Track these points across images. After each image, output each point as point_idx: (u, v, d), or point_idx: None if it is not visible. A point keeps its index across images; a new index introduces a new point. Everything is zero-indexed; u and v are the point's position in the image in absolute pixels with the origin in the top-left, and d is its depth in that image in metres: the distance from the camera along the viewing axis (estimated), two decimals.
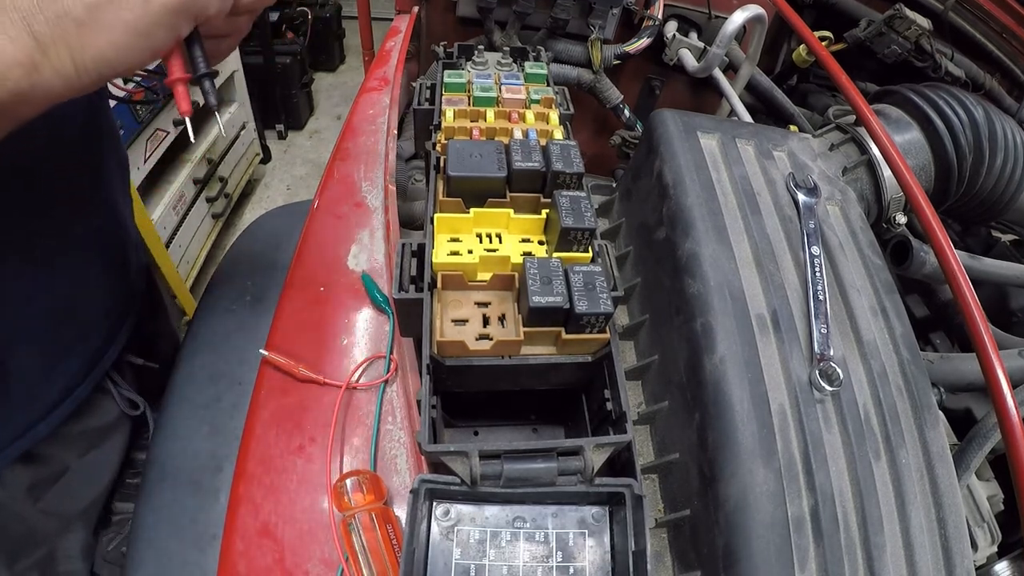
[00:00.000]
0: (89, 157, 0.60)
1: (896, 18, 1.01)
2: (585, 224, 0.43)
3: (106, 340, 0.65)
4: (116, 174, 0.67)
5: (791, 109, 1.01)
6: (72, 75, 0.35)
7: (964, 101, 0.66)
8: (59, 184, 0.56)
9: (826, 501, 0.40)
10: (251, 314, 0.74)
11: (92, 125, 0.60)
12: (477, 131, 0.53)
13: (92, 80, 0.36)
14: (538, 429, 0.54)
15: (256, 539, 0.43)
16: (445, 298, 0.43)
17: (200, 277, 1.80)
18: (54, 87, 0.35)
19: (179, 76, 0.42)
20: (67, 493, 0.66)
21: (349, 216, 0.65)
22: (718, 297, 0.47)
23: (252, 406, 0.51)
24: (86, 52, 0.35)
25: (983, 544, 0.51)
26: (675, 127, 0.59)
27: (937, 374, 0.64)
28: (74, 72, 0.35)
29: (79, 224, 0.59)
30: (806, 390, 0.44)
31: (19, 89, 0.33)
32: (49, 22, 0.33)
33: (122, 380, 0.71)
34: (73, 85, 0.35)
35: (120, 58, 0.36)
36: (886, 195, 0.64)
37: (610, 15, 1.00)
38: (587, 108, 1.14)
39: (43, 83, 0.34)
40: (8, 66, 0.32)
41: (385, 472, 0.46)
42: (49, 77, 0.34)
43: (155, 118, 1.55)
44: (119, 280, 0.68)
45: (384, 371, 0.52)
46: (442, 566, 0.35)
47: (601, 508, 0.38)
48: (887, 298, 0.52)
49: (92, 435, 0.68)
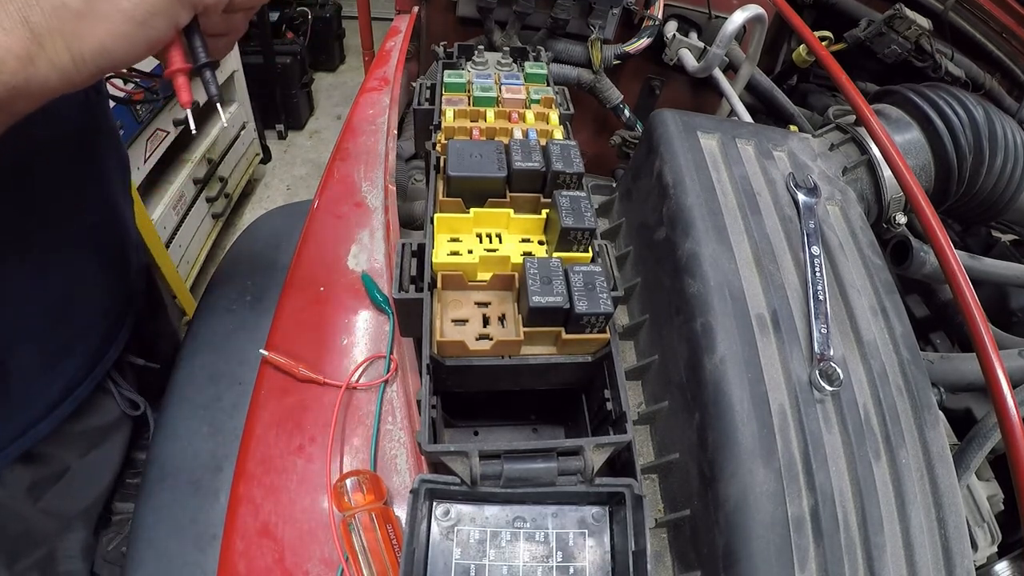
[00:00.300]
0: (87, 156, 0.60)
1: (896, 18, 1.01)
2: (585, 224, 0.43)
3: (106, 340, 0.65)
4: (116, 174, 0.67)
5: (791, 109, 1.01)
6: (70, 67, 0.34)
7: (964, 101, 0.66)
8: (56, 183, 0.55)
9: (826, 501, 0.40)
10: (251, 314, 0.74)
11: (90, 124, 0.60)
12: (477, 131, 0.53)
13: (90, 73, 0.36)
14: (538, 429, 0.54)
15: (256, 539, 0.43)
16: (445, 298, 0.43)
17: (200, 277, 1.79)
18: (50, 80, 0.34)
19: (179, 67, 0.41)
20: (67, 493, 0.66)
21: (349, 216, 0.65)
22: (718, 297, 0.47)
23: (252, 406, 0.51)
24: (84, 43, 0.34)
25: (983, 544, 0.51)
26: (675, 127, 0.59)
27: (937, 374, 0.64)
28: (72, 64, 0.34)
29: (77, 223, 0.59)
30: (806, 390, 0.44)
31: (14, 82, 0.33)
32: (46, 13, 0.33)
33: (123, 380, 0.71)
34: (71, 78, 0.35)
35: (119, 49, 0.36)
36: (886, 195, 0.64)
37: (610, 15, 1.00)
38: (587, 108, 1.14)
39: (39, 76, 0.33)
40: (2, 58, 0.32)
41: (385, 472, 0.46)
42: (45, 70, 0.34)
43: (155, 118, 1.55)
44: (118, 280, 0.68)
45: (384, 371, 0.52)
46: (442, 566, 0.35)
47: (601, 508, 0.38)
48: (887, 298, 0.52)
49: (93, 435, 0.68)
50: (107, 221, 0.65)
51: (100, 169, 0.63)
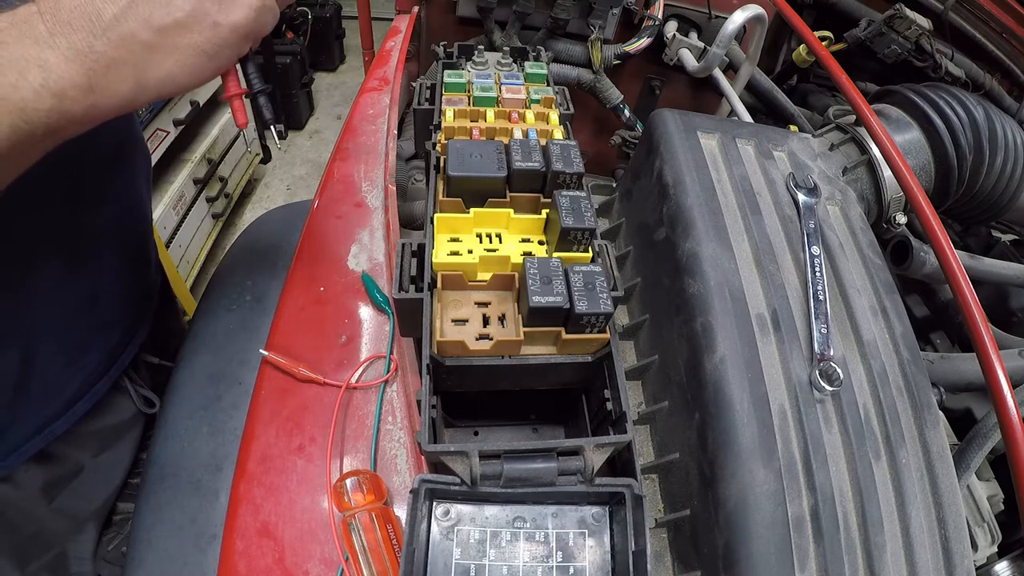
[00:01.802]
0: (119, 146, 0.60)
1: (896, 18, 1.01)
2: (585, 224, 0.43)
3: (125, 336, 0.65)
4: (141, 165, 0.67)
5: (791, 109, 1.01)
6: (130, 96, 0.35)
7: (964, 101, 0.66)
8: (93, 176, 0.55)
9: (826, 501, 0.40)
10: (251, 314, 0.74)
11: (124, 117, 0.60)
12: (477, 131, 0.53)
13: (150, 98, 0.36)
14: (538, 429, 0.55)
15: (256, 539, 0.43)
16: (445, 298, 0.43)
17: (200, 277, 1.80)
18: (109, 108, 0.34)
19: (236, 92, 0.44)
20: (80, 493, 0.65)
21: (349, 216, 0.65)
22: (718, 297, 0.47)
23: (252, 406, 0.51)
24: (150, 73, 0.35)
25: (983, 544, 0.51)
26: (675, 127, 0.59)
27: (937, 374, 0.64)
28: (133, 93, 0.35)
29: (106, 215, 0.59)
30: (806, 390, 0.44)
31: (73, 111, 0.32)
32: (112, 43, 0.33)
33: (138, 378, 0.71)
34: (132, 103, 0.35)
35: (185, 79, 0.36)
36: (886, 195, 0.64)
37: (610, 15, 1.00)
38: (587, 108, 1.14)
39: (99, 104, 0.33)
40: (63, 88, 0.32)
41: (385, 472, 0.46)
42: (105, 98, 0.34)
43: (155, 118, 1.55)
44: (139, 274, 0.68)
45: (384, 371, 0.52)
46: (442, 566, 0.35)
47: (601, 508, 0.38)
48: (887, 298, 0.52)
49: (107, 434, 0.68)
50: (132, 214, 0.65)
51: (129, 160, 0.63)
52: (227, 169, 1.97)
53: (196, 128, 1.81)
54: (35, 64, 0.31)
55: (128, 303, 0.65)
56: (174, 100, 1.64)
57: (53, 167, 0.45)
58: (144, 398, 0.71)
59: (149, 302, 0.71)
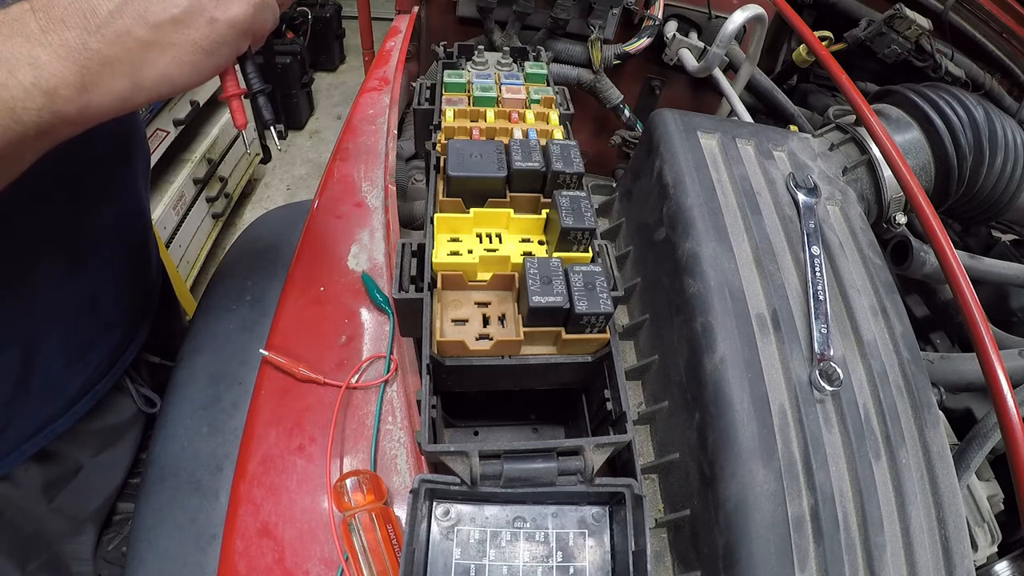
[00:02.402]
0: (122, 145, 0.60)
1: (896, 18, 1.01)
2: (585, 224, 0.43)
3: (127, 335, 0.65)
4: (141, 164, 0.66)
5: (791, 109, 1.01)
6: (126, 95, 0.34)
7: (964, 101, 0.66)
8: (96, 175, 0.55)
9: (826, 501, 0.40)
10: (251, 314, 0.74)
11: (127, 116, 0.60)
12: (477, 131, 0.53)
13: (147, 98, 0.35)
14: (538, 429, 0.54)
15: (256, 539, 0.43)
16: (445, 298, 0.43)
17: (200, 277, 1.80)
18: (103, 107, 0.33)
19: (234, 92, 0.43)
20: (80, 493, 0.65)
21: (349, 216, 0.65)
22: (718, 297, 0.47)
23: (252, 406, 0.51)
24: (146, 72, 0.34)
25: (983, 544, 0.51)
26: (675, 127, 0.59)
27: (937, 374, 0.64)
28: (129, 92, 0.34)
29: (107, 213, 0.58)
30: (806, 390, 0.44)
31: (66, 111, 0.32)
32: (107, 40, 0.32)
33: (139, 377, 0.71)
34: (127, 103, 0.34)
35: (182, 77, 0.36)
36: (886, 195, 0.64)
37: (610, 15, 1.00)
38: (587, 108, 1.14)
39: (92, 104, 0.33)
40: (55, 86, 0.31)
41: (385, 472, 0.46)
42: (100, 98, 0.33)
43: (155, 118, 1.55)
44: (141, 273, 0.68)
45: (384, 371, 0.52)
46: (442, 566, 0.35)
47: (601, 508, 0.38)
48: (887, 298, 0.52)
49: (107, 433, 0.68)
50: (134, 211, 0.65)
51: (129, 158, 0.62)
52: (227, 169, 1.97)
53: (196, 128, 1.81)
54: (25, 62, 0.30)
55: (129, 302, 0.65)
56: (174, 100, 1.64)
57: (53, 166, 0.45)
58: (145, 397, 0.71)
59: (150, 301, 0.71)
